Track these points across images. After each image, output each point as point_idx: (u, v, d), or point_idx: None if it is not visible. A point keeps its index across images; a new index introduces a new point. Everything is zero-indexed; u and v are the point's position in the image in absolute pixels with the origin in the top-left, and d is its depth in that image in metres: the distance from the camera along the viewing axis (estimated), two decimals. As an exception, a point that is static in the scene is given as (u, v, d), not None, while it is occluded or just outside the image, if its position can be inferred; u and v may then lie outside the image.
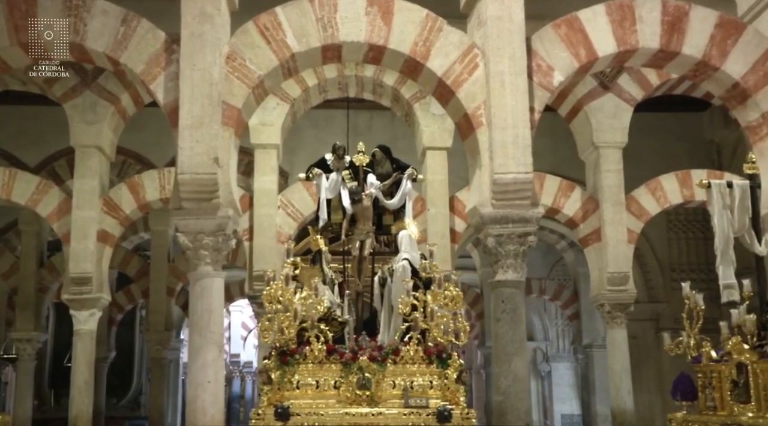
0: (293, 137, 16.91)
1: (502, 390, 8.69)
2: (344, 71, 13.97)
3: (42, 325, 18.32)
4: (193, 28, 8.63)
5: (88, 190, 13.29)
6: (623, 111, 14.26)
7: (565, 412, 27.72)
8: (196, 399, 8.30)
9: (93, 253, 13.21)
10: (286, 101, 14.17)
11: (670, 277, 19.32)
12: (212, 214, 8.57)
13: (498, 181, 8.69)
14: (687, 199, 14.38)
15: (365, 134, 17.90)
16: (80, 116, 13.34)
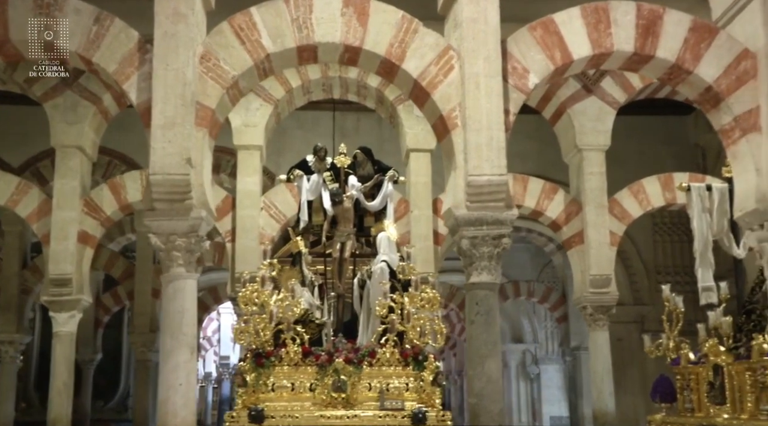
0: (280, 139, 16.89)
1: (476, 392, 8.67)
2: (328, 73, 13.94)
3: (25, 326, 18.21)
4: (167, 27, 8.59)
5: (68, 190, 13.23)
6: (606, 114, 14.25)
7: (554, 414, 27.75)
8: (167, 401, 8.26)
9: (73, 254, 13.14)
10: (270, 102, 14.13)
11: (655, 279, 19.32)
12: (185, 216, 8.53)
13: (472, 183, 8.66)
14: (669, 202, 14.39)
15: (352, 136, 17.92)
16: (61, 116, 13.29)
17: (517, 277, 26.25)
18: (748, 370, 10.05)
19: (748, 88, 8.92)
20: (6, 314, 17.69)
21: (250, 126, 14.09)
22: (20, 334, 17.99)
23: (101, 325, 23.03)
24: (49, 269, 13.06)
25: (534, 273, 26.31)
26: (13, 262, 18.06)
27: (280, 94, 14.16)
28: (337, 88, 14.57)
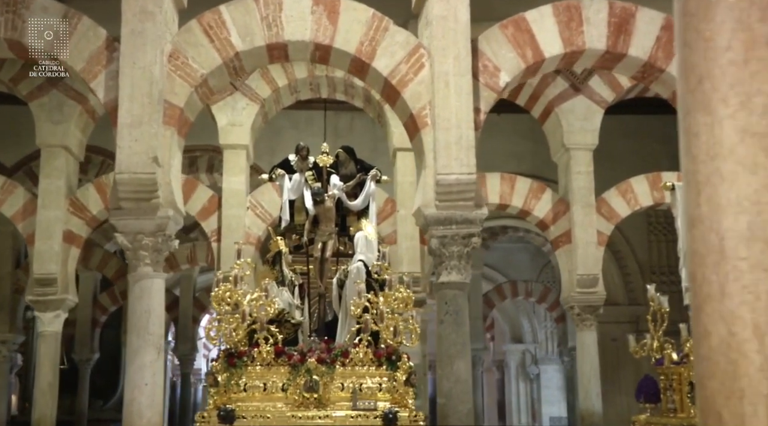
0: (273, 138, 16.85)
1: (445, 392, 8.59)
2: (315, 71, 13.87)
3: (18, 326, 18.20)
4: (134, 25, 8.54)
5: (53, 190, 13.20)
6: (594, 113, 14.15)
7: (553, 414, 27.64)
8: (132, 401, 8.21)
9: (58, 253, 13.11)
10: (256, 101, 14.07)
11: (650, 279, 19.15)
12: (152, 215, 8.49)
13: (441, 182, 8.58)
14: (657, 201, 14.27)
15: (346, 135, 17.86)
16: (46, 115, 13.26)
17: (516, 276, 26.18)
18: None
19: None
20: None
21: (236, 125, 14.03)
22: (13, 334, 17.97)
23: (98, 325, 23.03)
24: (34, 269, 13.04)
25: (533, 273, 26.23)
26: (7, 262, 18.05)
27: (266, 93, 14.09)
28: (324, 88, 14.50)
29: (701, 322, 2.46)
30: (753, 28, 2.43)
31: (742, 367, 2.32)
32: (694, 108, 2.54)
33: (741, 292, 2.35)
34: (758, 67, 2.41)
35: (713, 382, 2.40)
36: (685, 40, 2.60)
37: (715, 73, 2.48)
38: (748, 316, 2.33)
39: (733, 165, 2.41)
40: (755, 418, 2.26)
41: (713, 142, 2.47)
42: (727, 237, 2.40)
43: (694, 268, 2.53)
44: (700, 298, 2.48)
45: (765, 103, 2.39)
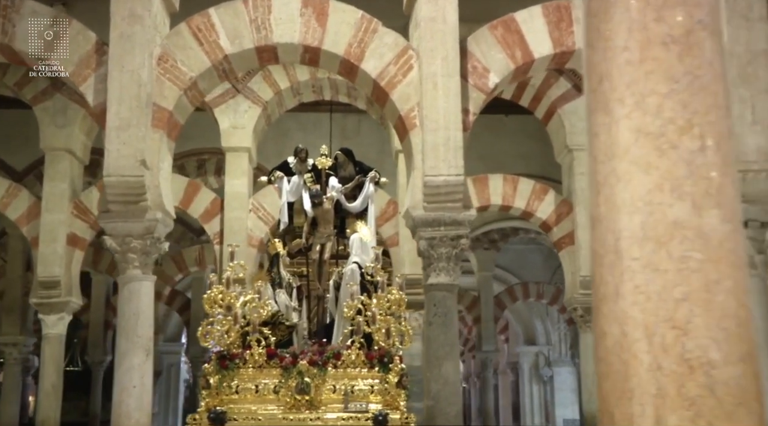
0: (281, 141, 16.86)
1: (433, 394, 8.58)
2: (317, 74, 13.89)
3: (29, 328, 18.33)
4: (123, 29, 8.58)
5: (57, 193, 13.31)
6: (588, 113, 14.03)
7: (567, 416, 27.50)
8: (120, 403, 8.25)
9: (62, 256, 13.21)
10: (258, 104, 14.10)
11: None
12: (140, 217, 8.52)
13: (429, 183, 8.57)
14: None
15: (354, 138, 17.87)
16: (50, 119, 13.39)
17: (529, 278, 26.08)
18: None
19: (711, 86, 8.72)
20: (10, 317, 17.81)
21: (238, 128, 14.06)
22: (24, 337, 18.08)
23: (111, 327, 23.12)
24: (38, 271, 13.15)
25: (547, 274, 26.10)
26: (17, 265, 18.18)
27: (268, 95, 14.11)
28: (327, 90, 14.53)
29: (599, 323, 2.46)
30: (648, 28, 2.42)
31: (632, 367, 2.31)
32: (595, 108, 2.54)
33: (633, 293, 2.35)
34: (653, 67, 2.40)
35: (607, 382, 2.40)
36: (589, 40, 2.60)
37: (613, 73, 2.48)
38: (639, 317, 2.32)
39: (628, 165, 2.41)
40: (643, 419, 2.25)
41: (611, 143, 2.47)
42: (622, 237, 2.40)
43: (594, 269, 2.53)
44: (598, 298, 2.47)
45: (659, 103, 2.38)
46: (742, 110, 8.19)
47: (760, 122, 8.21)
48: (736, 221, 2.35)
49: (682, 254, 2.31)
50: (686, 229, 2.31)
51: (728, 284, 2.30)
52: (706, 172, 2.35)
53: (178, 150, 17.85)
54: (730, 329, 2.26)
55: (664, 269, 2.31)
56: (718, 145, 2.37)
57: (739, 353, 2.24)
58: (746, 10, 8.32)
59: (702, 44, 2.41)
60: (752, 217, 8.28)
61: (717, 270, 2.30)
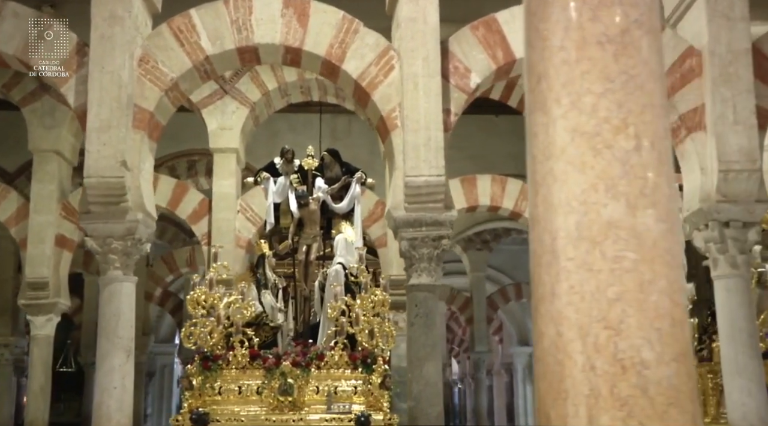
0: (271, 141, 16.85)
1: (414, 395, 8.56)
2: (305, 75, 13.88)
3: (20, 330, 18.29)
4: (103, 30, 8.56)
5: (45, 194, 13.30)
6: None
7: (561, 417, 27.40)
8: (101, 405, 8.22)
9: (50, 257, 13.20)
10: (246, 105, 14.09)
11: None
12: (121, 218, 8.50)
13: (410, 184, 8.56)
14: (650, 202, 14.14)
15: (344, 138, 17.88)
16: (38, 121, 13.38)
17: (523, 279, 26.04)
18: (709, 372, 9.92)
19: (693, 87, 8.75)
20: (1, 318, 17.75)
21: (225, 129, 14.05)
22: (15, 337, 18.04)
23: (103, 328, 23.10)
24: (26, 273, 13.14)
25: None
26: (8, 266, 18.13)
27: (256, 96, 14.11)
28: (315, 91, 14.52)
29: (537, 323, 2.46)
30: (584, 28, 2.41)
31: (567, 367, 2.31)
32: (533, 108, 2.53)
33: (568, 293, 2.34)
34: (588, 67, 2.40)
35: (544, 383, 2.39)
36: (528, 39, 2.60)
37: (550, 72, 2.47)
38: (574, 317, 2.32)
39: (564, 165, 2.40)
40: (576, 419, 2.25)
41: (548, 143, 2.46)
42: (558, 237, 2.39)
43: (533, 269, 2.52)
44: (536, 299, 2.47)
45: (594, 102, 2.38)
46: (723, 110, 8.20)
47: (741, 122, 8.22)
48: (671, 221, 2.34)
49: (616, 254, 2.31)
50: (620, 229, 2.31)
51: (662, 284, 2.30)
52: (641, 171, 2.34)
53: (169, 151, 17.99)
54: (664, 329, 2.26)
55: (598, 269, 2.31)
56: (653, 144, 2.37)
57: (673, 353, 2.24)
58: (727, 10, 8.34)
59: (637, 44, 2.40)
60: (734, 218, 8.29)
61: (651, 270, 2.30)
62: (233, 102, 14.02)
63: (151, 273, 19.94)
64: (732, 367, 8.38)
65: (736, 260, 8.55)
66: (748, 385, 8.21)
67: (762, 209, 8.63)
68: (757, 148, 8.46)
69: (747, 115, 8.43)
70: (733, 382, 8.34)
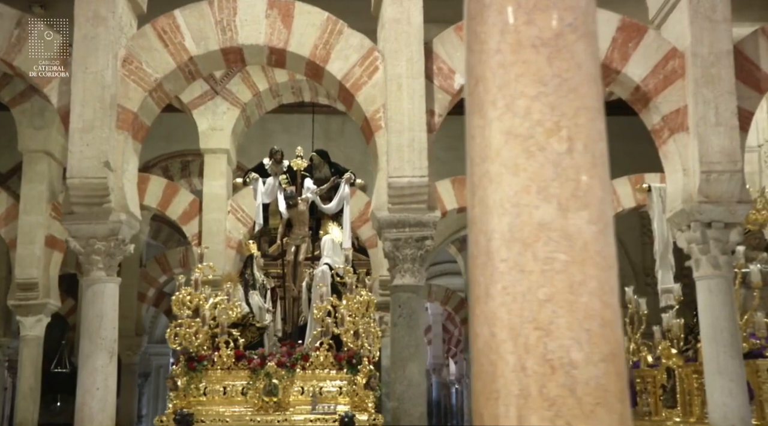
0: (265, 142, 16.85)
1: (397, 395, 8.58)
2: (295, 76, 13.89)
3: (13, 330, 18.28)
4: (87, 30, 8.57)
5: (35, 195, 13.31)
6: (576, 114, 14.04)
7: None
8: (83, 406, 8.23)
9: (40, 258, 13.21)
10: (237, 106, 14.11)
11: (644, 281, 19.04)
12: (104, 219, 8.52)
13: (393, 184, 8.57)
14: (640, 203, 14.19)
15: (337, 139, 17.91)
16: (28, 121, 13.39)
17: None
18: (695, 372, 9.93)
19: (675, 88, 8.77)
20: (-6, 318, 17.78)
21: (216, 129, 14.06)
22: (8, 338, 18.04)
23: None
24: (16, 273, 13.14)
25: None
26: (0, 267, 18.12)
27: (247, 97, 14.13)
28: (306, 91, 14.54)
29: (472, 324, 2.47)
30: (519, 31, 2.43)
31: (499, 367, 2.32)
32: (471, 110, 2.55)
33: (501, 294, 2.36)
34: (522, 70, 2.42)
35: (478, 383, 2.41)
36: (467, 42, 2.62)
37: (487, 75, 2.49)
38: (506, 318, 2.33)
39: (499, 167, 2.42)
40: (507, 419, 2.27)
41: (484, 145, 2.48)
42: (492, 238, 2.41)
43: (470, 270, 2.54)
44: (472, 299, 2.49)
45: (527, 105, 2.39)
46: (705, 112, 8.22)
47: (723, 123, 8.24)
48: (603, 223, 2.36)
49: (547, 255, 2.32)
50: (551, 230, 2.32)
51: (593, 285, 2.32)
52: (574, 174, 2.36)
53: (163, 152, 18.04)
54: (593, 330, 2.27)
55: (530, 270, 2.32)
56: (587, 147, 2.39)
57: (602, 354, 2.25)
58: (710, 12, 8.36)
59: (572, 47, 2.42)
60: (716, 218, 8.30)
61: (582, 271, 2.32)
62: (224, 103, 14.04)
63: (144, 273, 19.96)
64: (713, 367, 8.40)
65: (718, 261, 8.57)
66: (729, 385, 8.23)
67: (743, 210, 8.65)
68: (739, 150, 8.48)
69: (729, 117, 8.45)
70: (714, 382, 8.36)
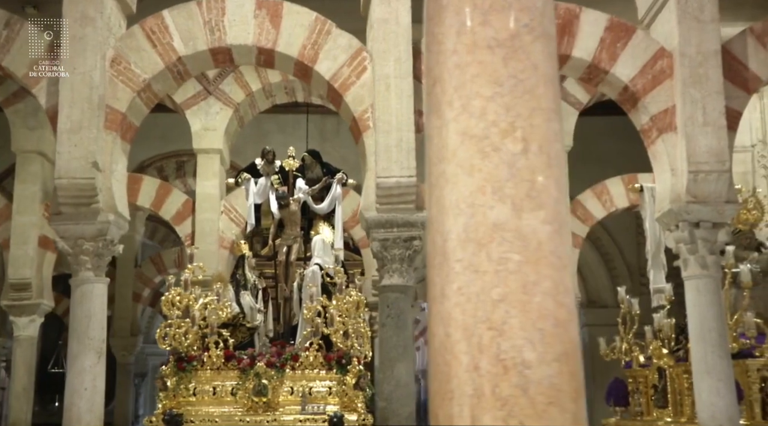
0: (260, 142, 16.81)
1: (386, 395, 8.58)
2: (288, 76, 13.88)
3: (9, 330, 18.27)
4: (75, 31, 8.57)
5: (28, 195, 13.30)
6: (568, 115, 14.09)
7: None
8: (71, 406, 8.23)
9: (33, 258, 13.22)
10: (230, 106, 14.11)
11: (639, 281, 19.04)
12: (92, 219, 8.52)
13: (381, 184, 8.58)
14: (633, 202, 14.20)
15: (333, 139, 17.90)
16: (22, 122, 13.38)
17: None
18: (685, 372, 9.94)
19: (663, 88, 8.77)
20: (-12, 319, 17.77)
21: (209, 130, 14.06)
22: (3, 338, 18.02)
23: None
24: (9, 274, 13.13)
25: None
26: (-5, 267, 18.12)
27: (240, 97, 14.13)
28: (300, 92, 14.54)
29: (429, 324, 2.48)
30: (475, 32, 2.44)
31: (453, 368, 2.33)
32: (429, 111, 2.56)
33: (456, 294, 2.36)
34: (478, 70, 2.42)
35: (434, 383, 2.42)
36: (426, 43, 2.63)
37: (444, 76, 2.50)
38: (460, 318, 2.34)
39: (455, 167, 2.43)
40: (460, 419, 2.27)
41: (441, 145, 2.49)
42: (448, 239, 2.41)
43: (428, 270, 2.55)
44: (429, 300, 2.49)
45: (482, 105, 2.40)
46: (693, 111, 8.23)
47: (711, 123, 8.24)
48: (558, 223, 2.36)
49: (501, 256, 2.33)
50: (506, 230, 2.33)
51: (546, 285, 2.32)
52: (528, 174, 2.36)
53: (158, 152, 18.04)
54: (546, 330, 2.28)
55: (484, 271, 2.33)
56: (542, 147, 2.39)
57: (555, 353, 2.26)
58: (697, 12, 8.36)
59: (528, 48, 2.42)
60: (704, 218, 8.31)
61: (535, 271, 2.32)
62: (217, 103, 14.05)
63: (140, 274, 19.96)
64: (701, 366, 8.40)
65: (706, 261, 8.57)
66: (717, 385, 8.23)
67: (731, 210, 8.65)
68: (726, 149, 8.48)
69: (716, 117, 8.45)
70: (702, 381, 8.37)
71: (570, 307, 2.37)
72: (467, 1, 2.48)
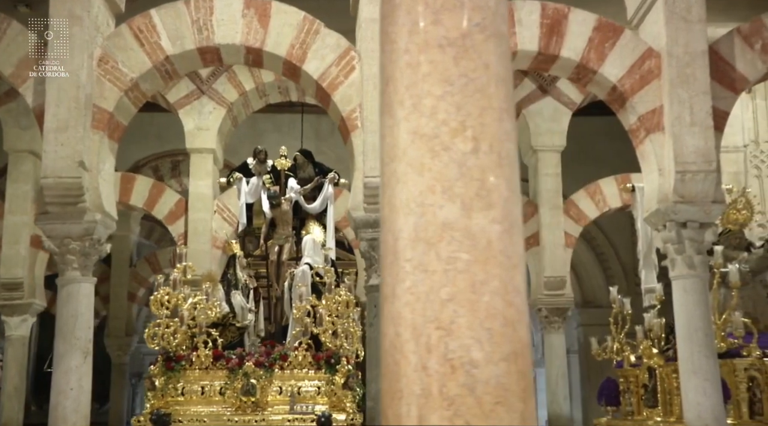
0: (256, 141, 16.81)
1: (373, 395, 8.58)
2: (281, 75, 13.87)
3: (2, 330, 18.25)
4: (62, 29, 8.53)
5: (20, 195, 13.29)
6: (562, 114, 14.12)
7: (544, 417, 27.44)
8: (57, 406, 8.21)
9: (25, 258, 13.21)
10: (223, 105, 14.11)
11: (633, 281, 19.02)
12: (78, 219, 8.50)
13: (369, 184, 8.57)
14: (626, 202, 14.20)
15: (328, 139, 17.90)
16: (14, 121, 13.35)
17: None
18: (675, 372, 9.94)
19: (651, 88, 8.76)
20: (-19, 318, 17.74)
21: (202, 129, 14.06)
22: (-1, 338, 18.02)
23: (91, 329, 23.02)
24: (1, 273, 13.10)
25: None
26: (-9, 267, 18.09)
27: (233, 97, 14.13)
28: (293, 91, 14.54)
29: (381, 323, 2.48)
30: (426, 31, 2.43)
31: (402, 367, 2.33)
32: (383, 110, 2.55)
33: (406, 293, 2.36)
34: (429, 69, 2.42)
35: (384, 382, 2.42)
36: (380, 42, 2.62)
37: (396, 75, 2.49)
38: (409, 317, 2.34)
39: (405, 167, 2.42)
40: (408, 418, 2.27)
41: (392, 144, 2.49)
42: (399, 238, 2.41)
43: (380, 270, 2.54)
44: (381, 299, 2.49)
45: (433, 104, 2.40)
46: (680, 112, 8.22)
47: (698, 123, 8.23)
48: (508, 222, 2.35)
49: (450, 255, 2.32)
50: (455, 230, 2.32)
51: (495, 285, 2.31)
52: (478, 173, 2.36)
53: (153, 151, 18.03)
54: (495, 329, 2.27)
55: (433, 270, 2.32)
56: (492, 147, 2.38)
57: (503, 353, 2.25)
58: (685, 12, 8.35)
59: (479, 47, 2.42)
60: (691, 218, 8.30)
61: (484, 271, 2.31)
62: (210, 102, 14.05)
63: (135, 273, 19.94)
64: (688, 366, 8.40)
65: (693, 261, 8.57)
66: (703, 385, 8.23)
67: (718, 210, 8.65)
68: (713, 150, 8.48)
69: (704, 117, 8.44)
70: (689, 381, 8.37)
71: (519, 307, 2.36)
72: (419, 0, 2.47)
